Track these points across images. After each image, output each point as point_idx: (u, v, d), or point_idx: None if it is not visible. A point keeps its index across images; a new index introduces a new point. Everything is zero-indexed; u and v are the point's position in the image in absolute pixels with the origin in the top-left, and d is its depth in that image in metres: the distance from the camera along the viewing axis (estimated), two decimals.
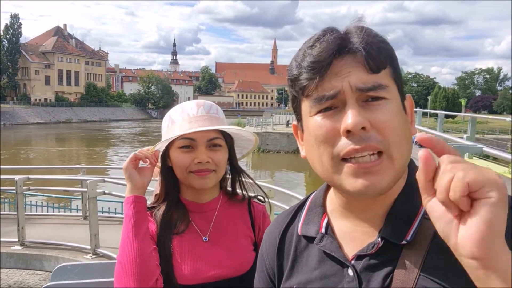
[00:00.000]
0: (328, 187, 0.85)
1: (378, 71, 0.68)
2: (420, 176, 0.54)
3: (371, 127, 0.66)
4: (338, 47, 0.68)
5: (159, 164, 1.34)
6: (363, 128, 0.65)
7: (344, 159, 0.67)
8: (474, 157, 9.86)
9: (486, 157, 9.28)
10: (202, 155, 1.27)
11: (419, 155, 0.53)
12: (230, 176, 1.42)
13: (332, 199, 0.82)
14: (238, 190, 1.44)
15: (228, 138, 1.35)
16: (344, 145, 0.66)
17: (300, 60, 0.71)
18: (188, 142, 1.27)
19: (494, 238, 0.48)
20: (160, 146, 1.32)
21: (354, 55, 0.68)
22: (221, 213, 1.38)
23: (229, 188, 1.43)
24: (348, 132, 0.66)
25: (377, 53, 0.68)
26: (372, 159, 0.66)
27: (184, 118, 1.30)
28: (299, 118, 0.77)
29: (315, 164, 0.74)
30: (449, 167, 0.51)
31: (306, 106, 0.72)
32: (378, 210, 0.74)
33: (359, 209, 0.76)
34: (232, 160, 1.38)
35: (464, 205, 0.49)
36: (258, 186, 1.48)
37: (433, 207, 0.53)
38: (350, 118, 0.65)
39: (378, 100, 0.68)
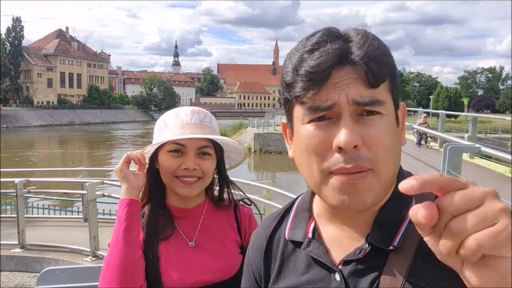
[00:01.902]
0: None
1: (376, 86, 0.66)
2: (419, 228, 0.49)
3: (363, 143, 0.65)
4: (339, 58, 0.66)
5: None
6: (355, 146, 0.64)
7: (332, 172, 0.67)
8: (476, 157, 9.84)
9: (488, 157, 9.24)
10: (190, 161, 1.27)
11: (420, 216, 0.46)
12: (217, 185, 1.43)
13: (319, 204, 0.81)
14: (225, 196, 1.45)
15: (218, 148, 1.36)
16: (335, 161, 0.66)
17: (297, 65, 0.68)
18: (177, 147, 1.28)
19: None
20: (150, 149, 1.32)
21: (354, 67, 0.66)
22: (207, 218, 1.38)
23: (216, 194, 1.44)
24: (340, 149, 0.65)
25: (378, 68, 0.66)
26: (361, 174, 0.65)
27: (177, 123, 1.31)
28: (290, 119, 0.76)
29: (303, 170, 0.73)
30: (458, 226, 0.45)
31: (298, 112, 0.70)
32: (365, 216, 0.73)
33: (345, 215, 0.75)
34: (221, 169, 1.40)
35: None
36: (248, 197, 1.50)
37: (430, 242, 0.49)
38: (343, 135, 0.64)
39: (373, 115, 0.66)
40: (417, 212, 0.47)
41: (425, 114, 15.92)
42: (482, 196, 0.45)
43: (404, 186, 0.47)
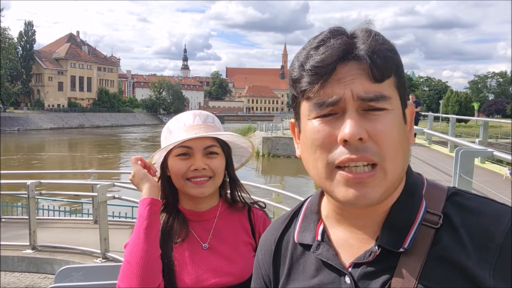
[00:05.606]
0: (323, 193, 0.84)
1: (382, 80, 0.67)
2: None
3: (369, 137, 0.65)
4: (343, 53, 0.66)
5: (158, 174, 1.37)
6: (360, 139, 0.64)
7: (338, 167, 0.67)
8: (486, 162, 9.72)
9: (499, 161, 9.13)
10: (198, 162, 1.29)
11: None
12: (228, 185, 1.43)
13: (327, 206, 0.81)
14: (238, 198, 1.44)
15: (225, 146, 1.37)
16: (340, 153, 0.66)
17: (303, 61, 0.69)
18: (185, 150, 1.30)
19: None
20: (158, 157, 1.35)
21: (359, 62, 0.66)
22: (221, 221, 1.39)
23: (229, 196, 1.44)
24: (345, 142, 0.65)
25: (382, 62, 0.66)
26: (366, 170, 0.65)
27: (180, 127, 1.33)
28: (297, 117, 0.76)
29: (309, 166, 0.73)
30: None
31: (305, 108, 0.71)
32: (374, 217, 0.73)
33: (354, 216, 0.75)
34: (229, 169, 1.40)
35: None
36: (253, 199, 1.48)
37: None
38: (348, 128, 0.64)
39: (379, 110, 0.67)
40: None
41: None
42: None
43: None
